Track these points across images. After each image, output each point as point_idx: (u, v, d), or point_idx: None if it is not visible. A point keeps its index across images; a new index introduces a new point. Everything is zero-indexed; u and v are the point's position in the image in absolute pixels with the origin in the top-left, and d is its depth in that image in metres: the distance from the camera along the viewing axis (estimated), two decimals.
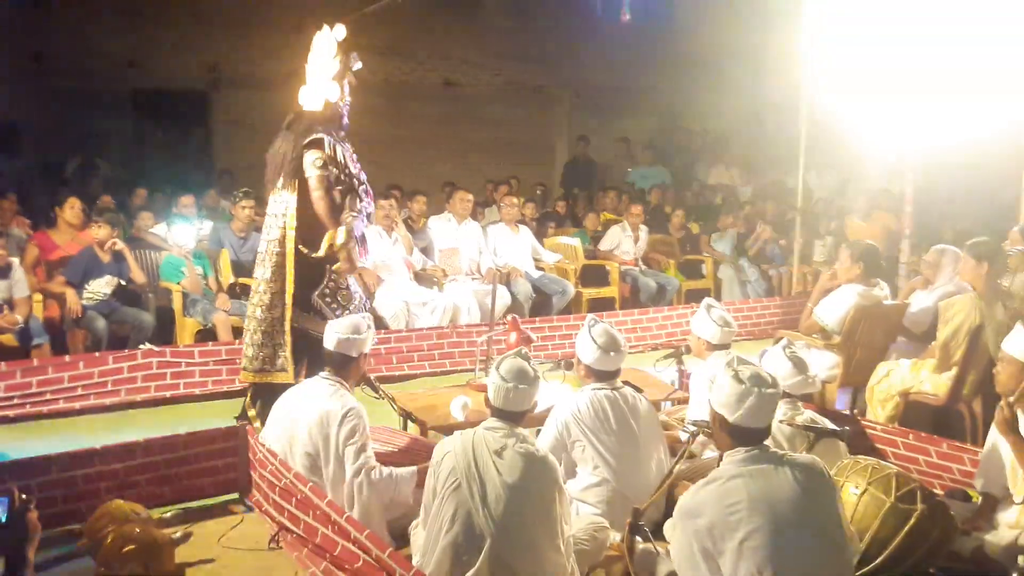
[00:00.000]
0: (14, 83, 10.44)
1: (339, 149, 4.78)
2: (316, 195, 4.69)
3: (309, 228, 4.76)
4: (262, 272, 4.85)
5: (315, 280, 4.82)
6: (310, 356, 4.80)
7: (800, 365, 4.20)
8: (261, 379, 4.85)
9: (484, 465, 3.28)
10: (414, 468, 3.98)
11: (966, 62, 6.39)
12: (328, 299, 4.85)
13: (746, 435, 2.94)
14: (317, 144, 4.70)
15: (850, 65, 6.98)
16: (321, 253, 4.74)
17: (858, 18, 7.04)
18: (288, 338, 4.78)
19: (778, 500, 2.80)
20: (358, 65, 4.92)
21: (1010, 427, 3.76)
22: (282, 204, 4.78)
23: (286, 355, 4.78)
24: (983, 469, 4.08)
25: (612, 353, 4.10)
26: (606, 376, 4.13)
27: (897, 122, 6.84)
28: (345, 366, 4.13)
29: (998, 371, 4.07)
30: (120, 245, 7.12)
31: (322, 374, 4.16)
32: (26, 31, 10.48)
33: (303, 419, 4.04)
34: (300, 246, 4.74)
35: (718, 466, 3.00)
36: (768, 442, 3.01)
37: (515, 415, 3.43)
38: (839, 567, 2.86)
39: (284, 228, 4.76)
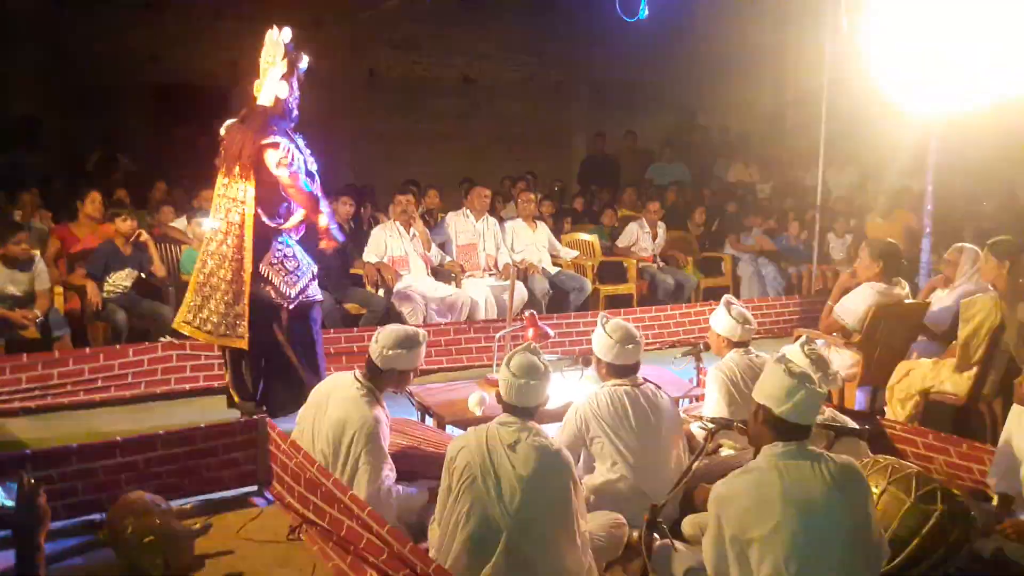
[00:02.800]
0: (36, 77, 10.53)
1: (291, 147, 5.06)
2: (292, 192, 5.12)
3: (267, 209, 5.13)
4: (222, 248, 5.14)
5: (263, 250, 5.17)
6: (259, 319, 5.18)
7: (820, 363, 4.18)
8: (222, 342, 5.21)
9: (498, 459, 3.28)
10: (426, 490, 3.96)
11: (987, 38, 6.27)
12: (276, 267, 5.20)
13: (789, 430, 2.93)
14: (274, 146, 5.01)
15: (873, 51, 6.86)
16: (289, 225, 5.23)
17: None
18: (247, 310, 5.10)
19: (811, 497, 2.79)
20: (303, 66, 5.20)
21: None
22: (241, 191, 5.08)
23: (244, 324, 5.11)
24: (997, 467, 4.06)
25: (629, 346, 4.10)
26: (625, 371, 4.12)
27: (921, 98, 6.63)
28: (377, 374, 4.06)
29: (1021, 383, 4.03)
30: (145, 237, 7.17)
31: (357, 373, 4.09)
32: (47, 25, 10.55)
33: (323, 417, 4.04)
34: (265, 220, 5.12)
35: (754, 458, 2.99)
36: None
37: (527, 410, 3.43)
38: (865, 570, 2.84)
39: (244, 214, 5.07)
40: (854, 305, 5.74)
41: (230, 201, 5.11)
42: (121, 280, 6.99)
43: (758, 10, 10.97)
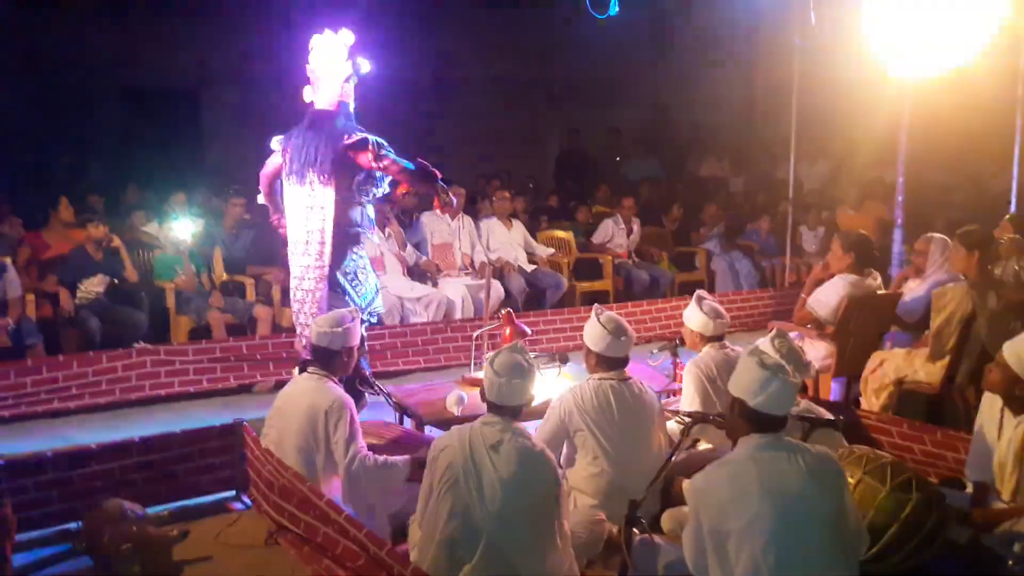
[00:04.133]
0: (4, 82, 10.40)
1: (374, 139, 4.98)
2: (402, 176, 5.05)
3: (346, 213, 5.04)
4: (306, 260, 5.02)
5: (339, 259, 5.05)
6: None
7: (793, 355, 4.19)
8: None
9: (480, 460, 3.27)
10: (407, 457, 3.98)
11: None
12: (350, 276, 5.08)
13: (764, 422, 2.94)
14: (362, 143, 4.91)
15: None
16: (442, 207, 5.32)
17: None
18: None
19: (788, 487, 2.81)
20: (366, 68, 5.17)
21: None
22: (318, 198, 4.95)
23: None
24: (972, 457, 4.10)
25: (622, 338, 4.11)
26: (615, 364, 4.12)
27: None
28: (329, 360, 4.14)
29: (991, 369, 4.07)
30: (117, 242, 7.11)
31: (309, 369, 4.16)
32: (16, 30, 10.43)
33: (292, 415, 4.06)
34: (347, 228, 5.03)
35: (732, 450, 3.00)
36: None
37: (511, 409, 3.41)
38: (844, 559, 2.87)
39: (324, 220, 4.95)
40: (827, 297, 5.78)
41: (308, 209, 5.00)
42: (93, 286, 6.93)
43: (727, 4, 11.02)
